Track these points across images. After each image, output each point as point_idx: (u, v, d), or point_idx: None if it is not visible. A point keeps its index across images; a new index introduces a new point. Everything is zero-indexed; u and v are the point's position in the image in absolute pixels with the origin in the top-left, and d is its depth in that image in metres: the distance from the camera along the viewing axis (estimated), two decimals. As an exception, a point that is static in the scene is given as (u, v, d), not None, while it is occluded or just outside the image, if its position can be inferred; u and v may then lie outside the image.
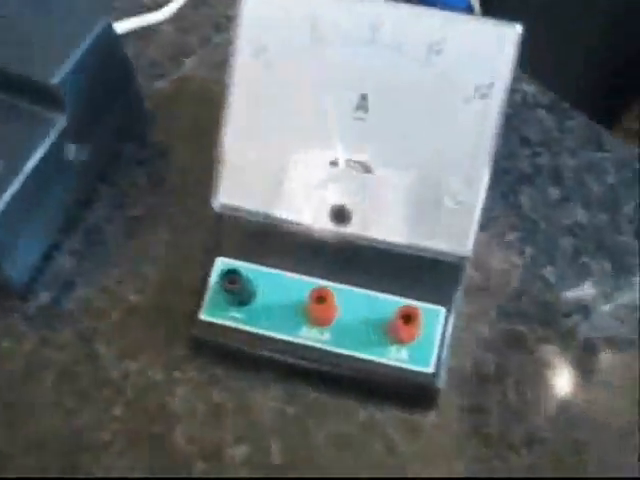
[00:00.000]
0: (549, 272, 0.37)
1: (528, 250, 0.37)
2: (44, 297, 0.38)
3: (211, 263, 0.35)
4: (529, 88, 0.42)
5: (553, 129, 0.41)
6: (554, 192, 0.39)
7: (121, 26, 0.44)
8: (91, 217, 0.40)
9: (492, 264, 0.37)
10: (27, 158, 0.34)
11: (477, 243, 0.32)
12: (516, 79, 0.34)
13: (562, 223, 0.38)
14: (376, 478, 0.33)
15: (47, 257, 0.38)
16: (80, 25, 0.37)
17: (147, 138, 0.42)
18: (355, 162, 0.33)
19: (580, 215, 0.38)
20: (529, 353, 0.35)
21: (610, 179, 0.40)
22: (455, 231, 0.32)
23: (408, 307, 0.32)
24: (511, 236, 0.38)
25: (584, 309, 0.36)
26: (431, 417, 0.34)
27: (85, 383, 0.35)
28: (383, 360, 0.33)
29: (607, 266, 0.37)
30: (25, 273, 0.38)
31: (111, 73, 0.39)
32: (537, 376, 0.35)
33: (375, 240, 0.33)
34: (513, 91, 0.35)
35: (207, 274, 0.34)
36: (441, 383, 0.33)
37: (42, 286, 0.38)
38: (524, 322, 0.36)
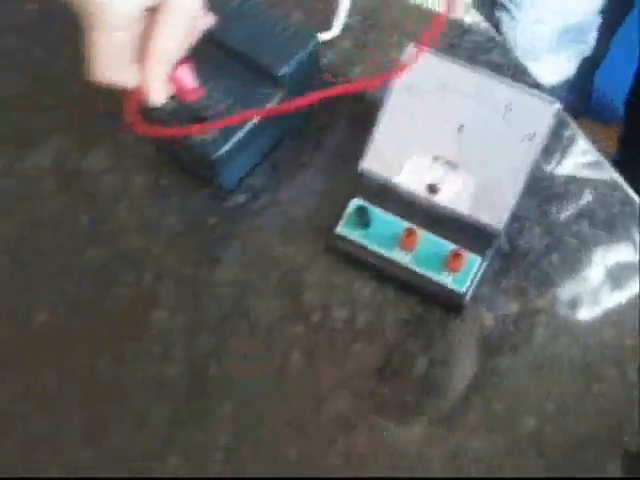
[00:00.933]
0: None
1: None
2: (240, 199, 0.62)
3: (349, 201, 0.58)
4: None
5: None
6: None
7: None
8: (279, 155, 0.63)
9: (517, 241, 0.59)
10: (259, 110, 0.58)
11: (509, 227, 0.55)
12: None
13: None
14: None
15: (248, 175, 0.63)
16: (300, 39, 0.61)
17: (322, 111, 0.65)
18: (447, 160, 0.56)
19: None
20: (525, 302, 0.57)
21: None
22: (496, 213, 0.55)
23: (459, 250, 0.55)
24: (536, 230, 0.60)
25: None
26: (457, 319, 0.57)
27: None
28: (437, 279, 0.55)
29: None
30: (234, 183, 0.62)
31: (311, 71, 0.63)
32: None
33: (448, 207, 0.56)
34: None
35: (346, 207, 0.58)
36: (466, 301, 0.56)
37: (241, 191, 0.62)
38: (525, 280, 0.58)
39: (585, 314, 0.56)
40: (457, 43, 0.67)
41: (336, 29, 0.68)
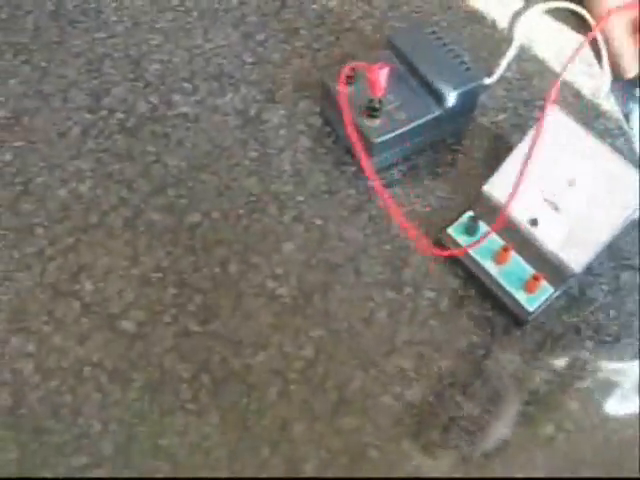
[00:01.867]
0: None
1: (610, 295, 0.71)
2: (391, 175, 0.76)
3: (465, 212, 0.71)
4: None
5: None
6: None
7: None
8: (419, 161, 0.77)
9: (586, 290, 0.71)
10: (420, 118, 0.72)
11: (584, 276, 0.67)
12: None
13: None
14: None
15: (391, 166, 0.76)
16: (470, 75, 0.74)
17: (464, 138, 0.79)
18: (553, 204, 0.68)
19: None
20: (576, 340, 0.69)
21: None
22: (578, 257, 0.67)
23: (538, 276, 0.67)
24: (604, 287, 0.71)
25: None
26: (518, 332, 0.69)
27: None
28: (514, 294, 0.67)
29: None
30: (380, 166, 0.75)
31: (469, 103, 0.76)
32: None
33: (541, 240, 0.68)
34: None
35: (461, 215, 0.71)
36: (531, 318, 0.67)
37: (380, 177, 0.76)
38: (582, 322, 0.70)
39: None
40: (589, 123, 0.80)
41: (495, 77, 0.81)
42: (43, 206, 0.72)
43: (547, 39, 0.83)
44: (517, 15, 0.87)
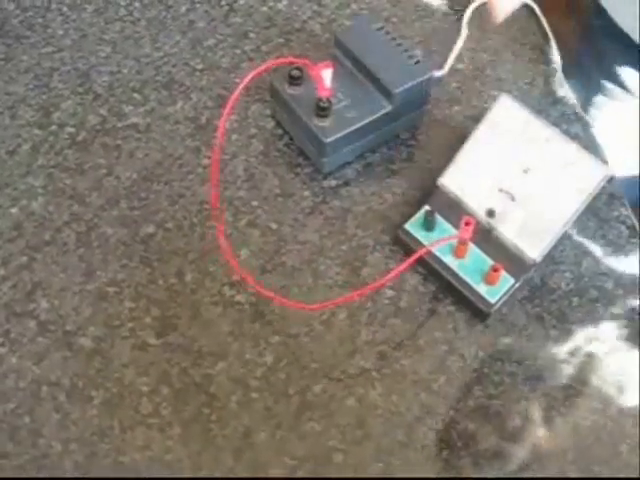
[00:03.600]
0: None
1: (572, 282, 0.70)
2: (333, 183, 0.75)
3: (422, 206, 0.70)
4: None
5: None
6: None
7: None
8: (373, 158, 0.76)
9: (548, 279, 0.70)
10: (370, 115, 0.71)
11: (545, 266, 0.67)
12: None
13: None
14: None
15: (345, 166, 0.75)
16: (418, 70, 0.74)
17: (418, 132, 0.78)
18: (509, 193, 0.68)
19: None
20: (539, 329, 0.68)
21: None
22: (536, 246, 0.66)
23: (498, 267, 0.66)
24: (567, 275, 0.71)
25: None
26: (481, 325, 0.68)
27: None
28: (475, 286, 0.67)
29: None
30: (332, 168, 0.75)
31: (420, 98, 0.76)
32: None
33: (499, 231, 0.67)
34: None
35: (418, 210, 0.70)
36: (493, 311, 0.66)
37: (335, 177, 0.75)
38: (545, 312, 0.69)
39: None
40: (545, 110, 0.79)
41: (447, 68, 0.81)
42: (-6, 226, 0.71)
43: (497, 29, 0.82)
44: (466, 6, 0.87)
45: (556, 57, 0.84)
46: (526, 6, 0.86)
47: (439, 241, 0.65)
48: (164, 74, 0.81)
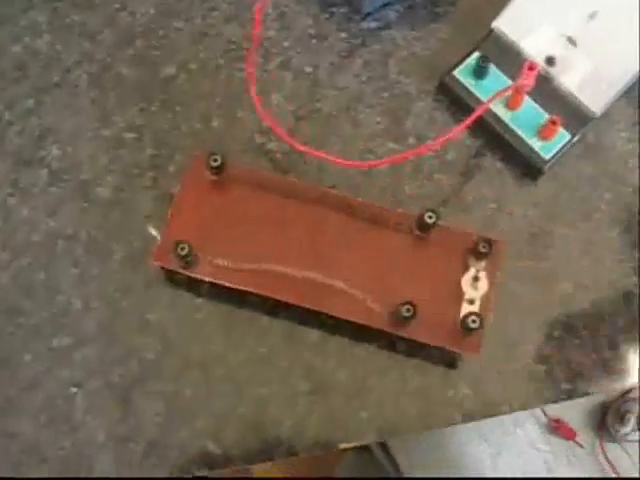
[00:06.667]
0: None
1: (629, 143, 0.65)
2: (373, 25, 0.68)
3: (469, 55, 0.64)
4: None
5: None
6: None
7: None
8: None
9: (603, 137, 0.65)
10: None
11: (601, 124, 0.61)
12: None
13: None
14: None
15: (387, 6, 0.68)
16: None
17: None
18: (571, 37, 0.61)
19: None
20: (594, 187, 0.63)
21: None
22: (597, 99, 0.60)
23: (556, 119, 0.60)
24: (623, 134, 0.65)
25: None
26: (532, 184, 0.63)
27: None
28: (528, 140, 0.61)
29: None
30: (372, 8, 0.67)
31: None
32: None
33: (558, 81, 0.61)
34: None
35: (465, 59, 0.63)
36: (546, 168, 0.61)
37: (375, 19, 0.68)
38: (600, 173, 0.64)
39: None
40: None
41: None
42: (-6, 66, 0.64)
43: None
44: None
45: None
46: None
47: (500, 92, 0.59)
48: None
